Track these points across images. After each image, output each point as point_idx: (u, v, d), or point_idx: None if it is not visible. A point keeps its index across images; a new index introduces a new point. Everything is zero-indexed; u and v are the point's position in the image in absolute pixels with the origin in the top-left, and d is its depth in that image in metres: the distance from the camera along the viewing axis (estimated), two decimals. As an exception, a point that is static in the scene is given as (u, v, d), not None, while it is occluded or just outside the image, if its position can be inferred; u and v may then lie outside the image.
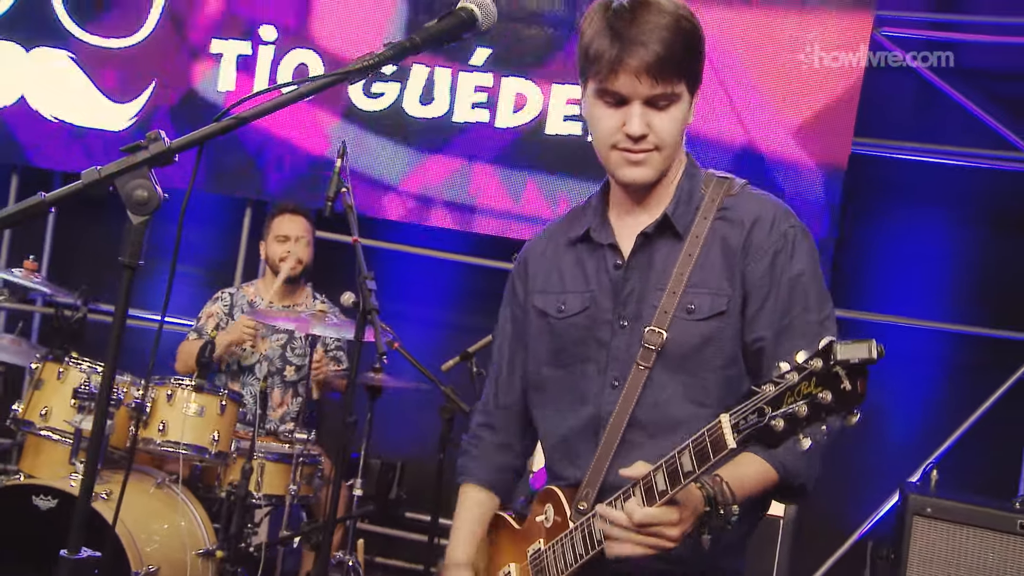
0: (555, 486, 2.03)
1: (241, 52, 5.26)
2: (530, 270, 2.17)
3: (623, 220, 2.05)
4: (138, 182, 1.75)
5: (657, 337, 1.92)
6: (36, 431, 3.89)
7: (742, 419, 1.61)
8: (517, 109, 5.12)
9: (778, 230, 1.96)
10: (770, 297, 1.93)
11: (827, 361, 1.51)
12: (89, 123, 5.34)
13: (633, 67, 1.86)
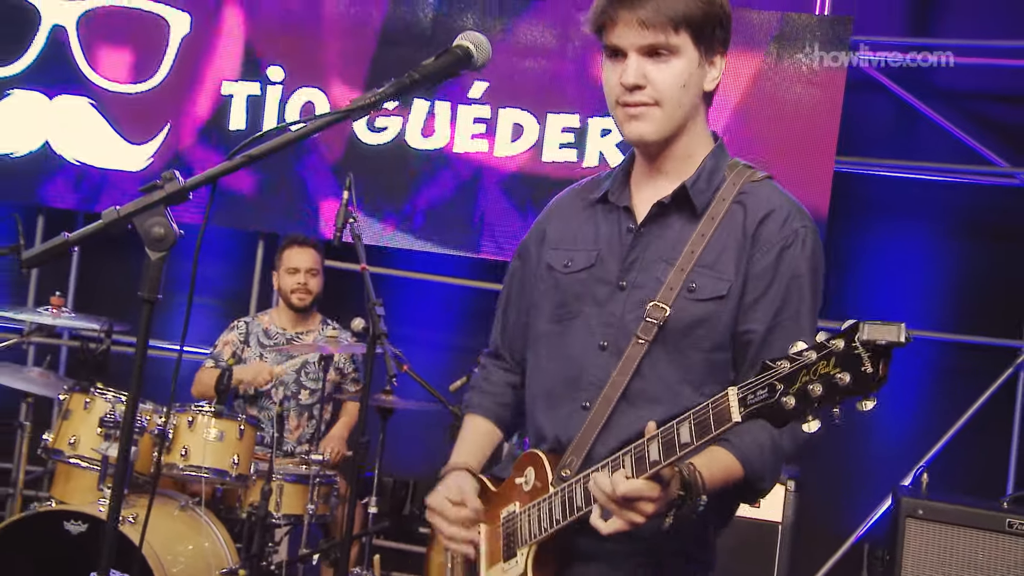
0: (539, 450, 1.96)
1: (251, 92, 5.29)
2: (547, 227, 2.11)
3: (642, 187, 1.99)
4: (155, 220, 1.77)
5: (660, 312, 1.86)
6: (65, 459, 3.90)
7: (750, 393, 1.54)
8: (515, 138, 5.15)
9: (790, 226, 1.88)
10: (769, 291, 1.87)
11: (849, 341, 1.44)
12: (109, 165, 5.38)
13: (624, 15, 1.83)
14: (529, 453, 1.98)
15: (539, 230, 2.14)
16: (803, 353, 1.48)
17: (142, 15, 5.38)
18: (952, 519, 3.60)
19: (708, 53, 1.89)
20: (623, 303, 1.92)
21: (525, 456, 1.99)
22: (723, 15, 1.90)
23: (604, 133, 5.06)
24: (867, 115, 5.16)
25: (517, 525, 1.93)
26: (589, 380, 1.92)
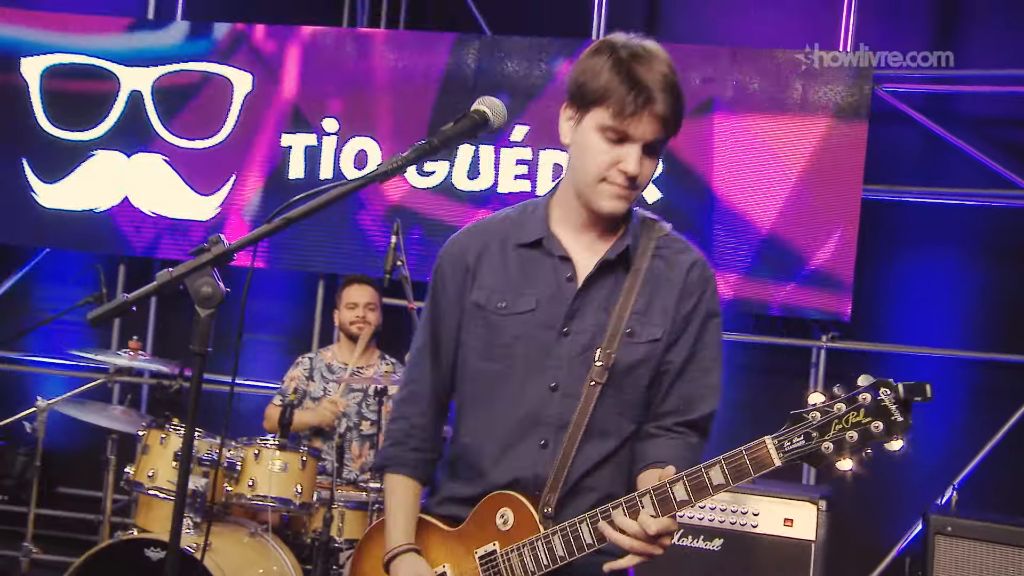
0: (512, 491, 1.99)
1: (308, 144, 5.41)
2: (468, 263, 2.08)
3: (575, 237, 2.03)
4: (203, 280, 1.82)
5: (607, 357, 1.96)
6: (145, 491, 4.00)
7: (787, 441, 1.74)
8: (555, 178, 5.20)
9: (705, 274, 2.07)
10: (688, 328, 2.03)
11: (875, 395, 1.69)
12: (181, 215, 5.53)
13: (654, 115, 1.87)
14: (500, 495, 2.00)
15: (462, 266, 2.08)
16: (833, 406, 1.71)
17: (209, 77, 5.55)
18: (981, 536, 3.54)
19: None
20: (568, 347, 1.99)
21: (495, 497, 2.00)
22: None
23: (641, 170, 5.08)
24: (894, 145, 5.13)
25: (503, 564, 1.97)
26: (546, 420, 1.98)
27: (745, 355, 5.27)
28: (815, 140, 4.88)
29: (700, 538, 3.57)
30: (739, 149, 4.98)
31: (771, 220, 4.93)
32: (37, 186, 5.69)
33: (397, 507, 2.11)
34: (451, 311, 2.10)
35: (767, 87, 4.95)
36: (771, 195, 4.94)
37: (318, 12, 5.71)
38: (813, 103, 4.89)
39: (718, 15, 5.36)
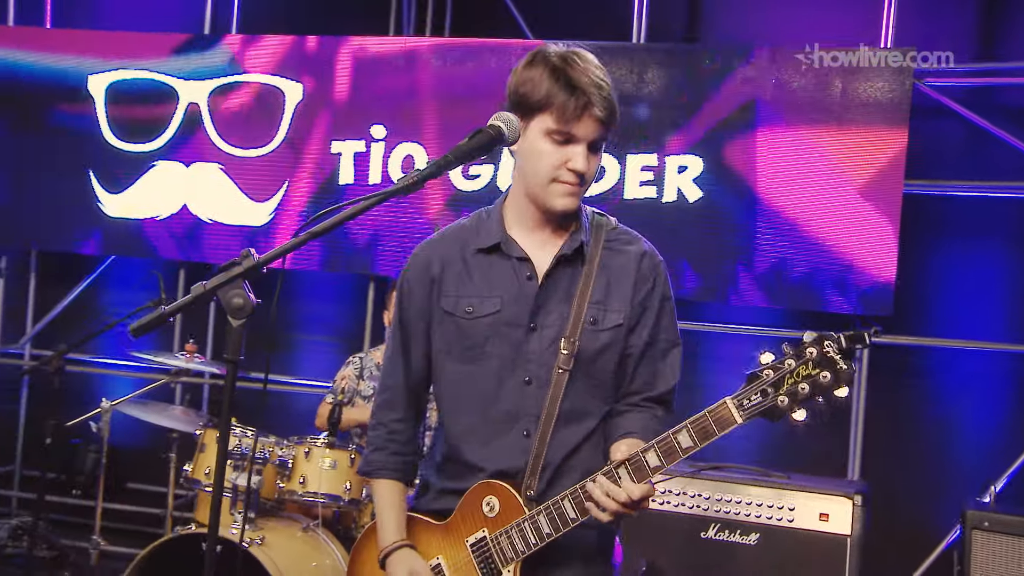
0: (495, 480, 2.09)
1: (357, 150, 5.51)
2: (433, 275, 2.17)
3: (530, 237, 2.15)
4: (235, 292, 1.90)
5: (571, 345, 2.08)
6: (203, 488, 4.14)
7: (746, 399, 1.86)
8: (598, 179, 5.22)
9: (655, 262, 2.21)
10: (646, 315, 2.16)
11: (820, 348, 1.80)
12: (237, 221, 5.67)
13: (595, 115, 2.01)
14: (484, 484, 2.10)
15: (426, 278, 2.18)
16: (783, 362, 1.83)
17: (261, 87, 5.68)
18: (1018, 531, 3.49)
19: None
20: (538, 342, 2.10)
21: (480, 487, 2.10)
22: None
23: (681, 170, 5.10)
24: (937, 139, 5.06)
25: (494, 548, 2.08)
26: (526, 412, 2.10)
27: (788, 351, 5.23)
28: (856, 137, 4.84)
29: (736, 533, 3.58)
30: (780, 148, 4.95)
31: (813, 217, 4.90)
32: (103, 196, 5.88)
33: (386, 507, 2.21)
34: (418, 321, 2.20)
35: (807, 85, 4.91)
36: (813, 192, 4.90)
37: (366, 22, 5.79)
38: (854, 100, 4.84)
39: (758, 16, 5.33)
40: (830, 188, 4.87)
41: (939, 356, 4.99)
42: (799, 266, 4.91)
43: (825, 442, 5.06)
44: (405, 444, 2.26)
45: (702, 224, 5.07)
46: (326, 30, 5.66)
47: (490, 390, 2.12)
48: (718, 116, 5.03)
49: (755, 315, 5.25)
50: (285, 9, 6.05)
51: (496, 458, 2.11)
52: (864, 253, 4.81)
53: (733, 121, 5.02)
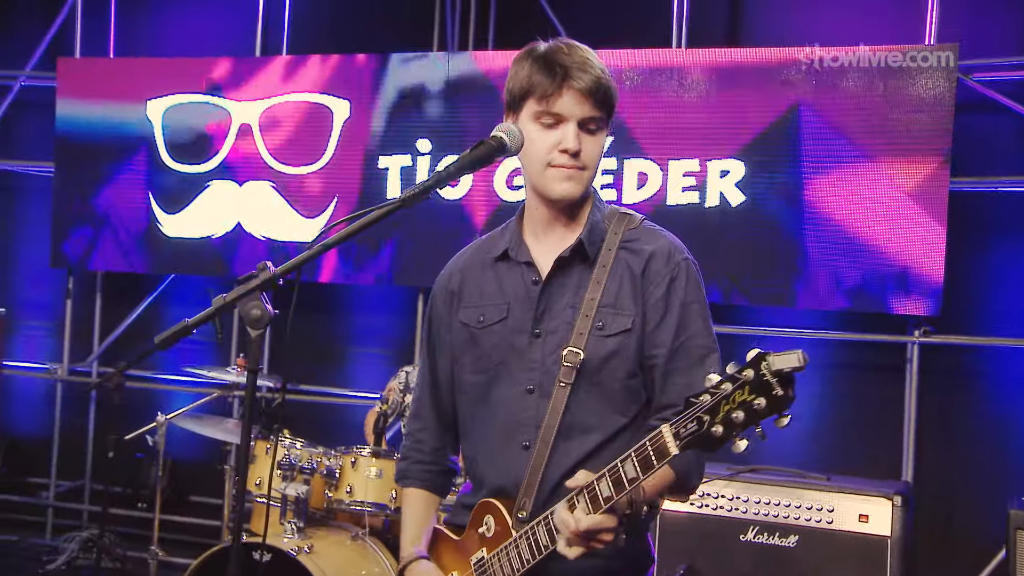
0: (493, 499, 2.05)
1: (403, 164, 5.61)
2: (453, 288, 2.19)
3: (539, 241, 2.10)
4: (253, 304, 1.96)
5: (575, 356, 1.98)
6: (254, 499, 4.26)
7: (682, 427, 1.68)
8: (640, 186, 5.25)
9: (673, 260, 2.05)
10: (666, 319, 2.01)
11: (757, 371, 1.58)
12: (288, 238, 5.81)
13: (576, 88, 1.96)
14: (484, 502, 2.06)
15: (447, 292, 2.20)
16: (720, 386, 1.63)
17: (310, 106, 5.81)
18: (1066, 531, 3.43)
19: (608, 131, 2.10)
20: (541, 349, 2.04)
21: (481, 505, 2.07)
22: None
23: (723, 174, 5.10)
24: (984, 135, 4.99)
25: (490, 570, 2.03)
26: (524, 422, 2.03)
27: (838, 353, 5.20)
28: (901, 136, 4.79)
29: (776, 535, 3.57)
30: (825, 151, 4.92)
31: (860, 218, 4.85)
32: (161, 217, 6.08)
33: (407, 519, 2.25)
34: (442, 335, 2.21)
35: (850, 86, 4.87)
36: (858, 194, 4.87)
37: (410, 37, 5.90)
38: (898, 99, 4.79)
39: (799, 17, 5.29)
40: (875, 188, 4.82)
41: (991, 355, 4.90)
42: (849, 268, 4.87)
43: (876, 444, 5.01)
44: (430, 454, 2.25)
45: (747, 228, 5.05)
46: (371, 48, 5.78)
47: (495, 400, 2.08)
48: (762, 121, 5.02)
49: (804, 318, 5.22)
50: (332, 28, 6.19)
51: (497, 472, 2.07)
52: (912, 253, 4.75)
53: (777, 126, 5.00)
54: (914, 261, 4.75)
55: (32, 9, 6.70)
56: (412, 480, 2.26)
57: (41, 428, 6.56)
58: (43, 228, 6.37)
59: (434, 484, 2.26)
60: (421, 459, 2.27)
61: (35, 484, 6.62)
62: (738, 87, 5.06)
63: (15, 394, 6.65)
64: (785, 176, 4.99)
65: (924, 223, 4.74)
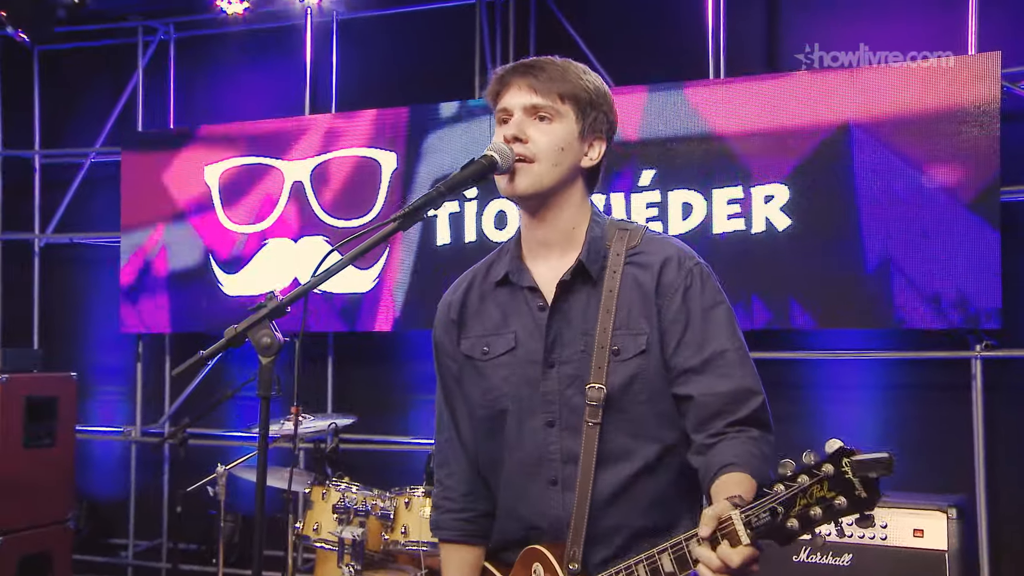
0: (542, 546, 1.94)
1: (451, 211, 5.72)
2: (453, 318, 2.10)
3: (539, 264, 2.01)
4: (263, 332, 2.03)
5: (598, 392, 1.89)
6: (312, 543, 4.33)
7: (754, 516, 1.57)
8: (685, 216, 5.26)
9: (685, 267, 1.94)
10: (688, 331, 1.90)
11: (839, 467, 1.50)
12: (343, 290, 5.93)
13: (517, 80, 1.94)
14: (531, 549, 1.95)
15: (447, 322, 2.11)
16: (797, 477, 1.54)
17: (359, 160, 5.98)
18: None
19: (589, 132, 1.97)
20: (556, 379, 1.94)
21: (528, 552, 1.96)
22: (608, 109, 2.00)
23: (767, 199, 5.08)
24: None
25: None
26: (549, 457, 1.94)
27: (898, 373, 5.09)
28: (950, 147, 4.71)
29: (829, 554, 3.49)
30: (876, 167, 4.86)
31: (912, 233, 4.79)
32: (222, 277, 6.28)
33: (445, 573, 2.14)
34: (450, 369, 2.11)
35: (897, 100, 4.82)
36: (910, 208, 4.80)
37: (451, 87, 6.03)
38: (943, 110, 4.73)
39: (837, 38, 5.27)
40: (929, 201, 4.76)
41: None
42: (904, 285, 4.79)
43: (946, 464, 4.87)
44: (460, 500, 2.12)
45: (796, 252, 5.01)
46: (416, 99, 5.93)
47: (513, 435, 1.98)
48: (809, 143, 5.00)
49: (859, 339, 5.14)
50: (378, 83, 6.36)
51: (528, 510, 1.97)
52: (968, 265, 4.66)
53: (826, 145, 4.97)
54: (971, 274, 4.65)
55: (101, 89, 7.04)
56: (446, 532, 2.14)
57: (119, 490, 6.77)
58: (112, 296, 6.63)
59: (469, 532, 2.12)
60: (451, 508, 2.13)
61: (115, 544, 6.81)
62: (782, 112, 5.05)
63: (94, 458, 6.88)
64: (835, 196, 4.95)
65: (978, 234, 4.64)
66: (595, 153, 2.01)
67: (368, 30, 6.40)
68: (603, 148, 2.02)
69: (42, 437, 5.52)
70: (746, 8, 5.50)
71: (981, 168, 4.66)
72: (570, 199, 2.00)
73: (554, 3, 5.87)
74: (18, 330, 6.98)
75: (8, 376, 5.36)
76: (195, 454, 5.63)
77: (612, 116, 2.03)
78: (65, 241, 6.96)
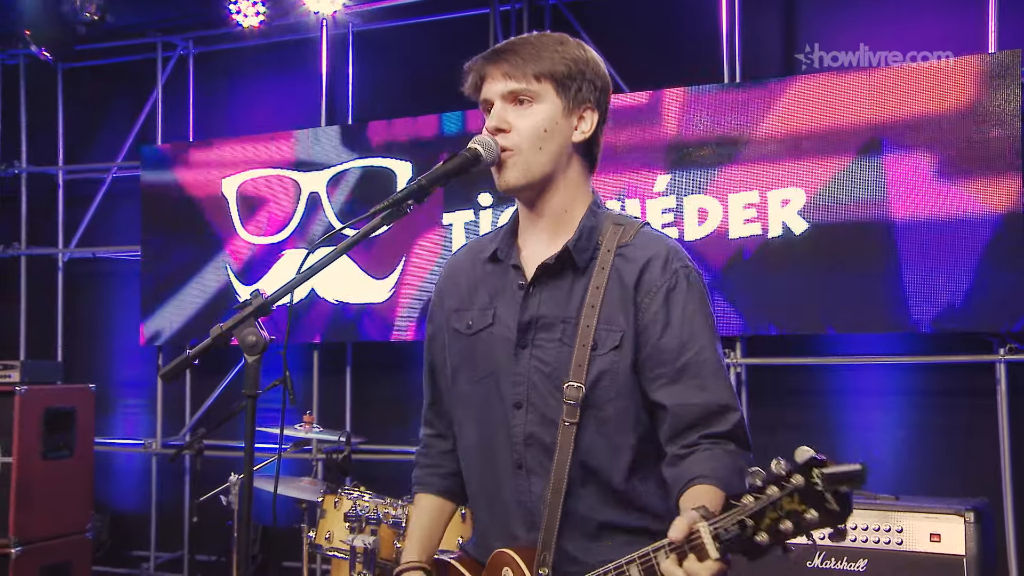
0: (511, 550, 1.88)
1: (466, 219, 5.69)
2: (444, 289, 2.09)
3: (528, 243, 1.97)
4: (249, 330, 1.98)
5: (576, 391, 1.82)
6: (325, 552, 4.29)
7: (722, 530, 1.49)
8: (701, 222, 5.20)
9: (671, 267, 1.87)
10: (666, 333, 1.83)
11: (808, 479, 1.41)
12: (360, 300, 5.93)
13: (491, 69, 1.90)
14: (501, 552, 1.90)
15: (439, 295, 2.12)
16: (765, 489, 1.46)
17: (374, 170, 5.98)
18: None
19: (575, 105, 1.91)
20: (527, 362, 1.89)
21: (498, 555, 1.91)
22: (592, 75, 1.93)
23: (784, 203, 5.00)
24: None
25: None
26: (513, 440, 1.90)
27: (921, 378, 4.99)
28: (976, 148, 4.61)
29: (843, 559, 3.40)
30: (898, 169, 4.78)
31: (935, 236, 4.69)
32: (239, 288, 6.29)
33: (413, 526, 2.15)
34: (438, 336, 2.10)
35: (920, 101, 4.73)
36: (933, 210, 4.71)
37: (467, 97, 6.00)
38: (967, 112, 4.64)
39: (855, 39, 5.19)
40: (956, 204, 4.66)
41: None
42: (927, 290, 4.69)
43: (970, 466, 4.77)
44: (440, 456, 2.14)
45: (814, 256, 4.93)
46: (431, 108, 5.91)
47: (486, 414, 1.95)
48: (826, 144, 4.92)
49: (880, 344, 5.04)
50: (393, 93, 6.37)
51: (488, 484, 1.95)
52: (991, 267, 4.57)
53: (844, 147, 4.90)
54: (994, 275, 4.55)
55: (122, 105, 7.11)
56: (422, 486, 2.16)
57: (141, 502, 6.79)
58: (133, 309, 6.66)
59: (446, 488, 2.13)
60: (430, 463, 2.16)
61: (137, 557, 6.82)
62: (799, 114, 4.99)
63: (116, 470, 6.92)
64: (853, 199, 4.87)
65: (1000, 235, 4.55)
66: (586, 125, 1.94)
67: (383, 41, 6.41)
68: (595, 118, 1.95)
69: (60, 448, 5.55)
70: (762, 11, 5.44)
71: (1002, 168, 4.56)
72: (565, 180, 1.95)
73: (568, 11, 5.85)
74: (43, 343, 7.04)
75: (27, 388, 5.39)
76: (215, 465, 5.64)
77: (601, 82, 1.96)
78: (88, 256, 7.02)
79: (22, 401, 5.34)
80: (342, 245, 2.00)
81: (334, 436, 4.61)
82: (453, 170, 1.93)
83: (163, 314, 6.50)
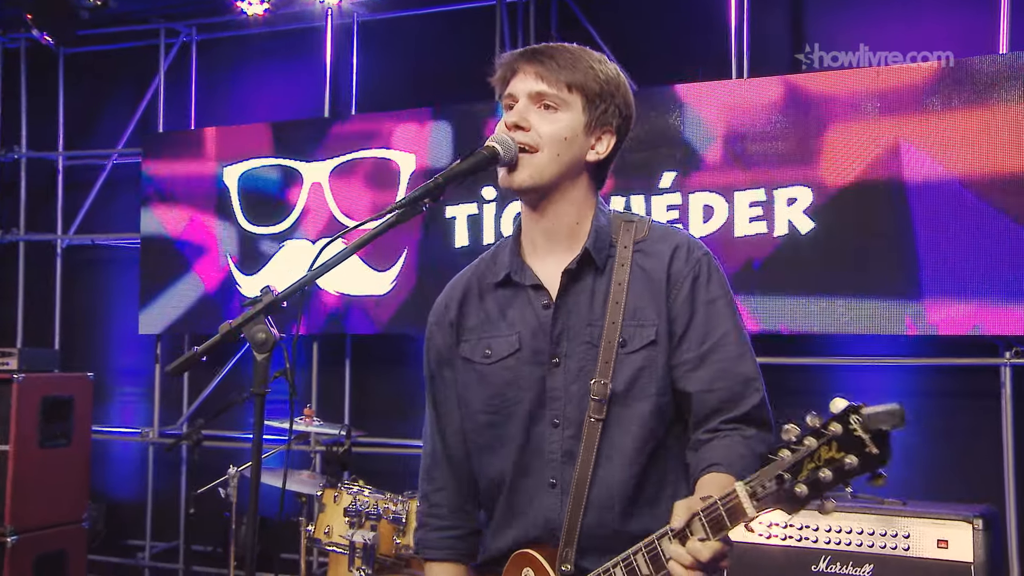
0: (532, 550, 1.86)
1: (470, 213, 5.65)
2: (451, 319, 2.00)
3: (542, 260, 1.93)
4: (258, 327, 1.97)
5: (603, 388, 1.81)
6: (323, 546, 4.26)
7: (759, 486, 1.50)
8: (706, 219, 5.16)
9: (693, 257, 1.89)
10: (692, 323, 1.85)
11: (847, 425, 1.41)
12: (360, 292, 5.89)
13: (524, 66, 1.88)
14: (521, 554, 1.87)
15: (446, 324, 2.02)
16: (803, 440, 1.46)
17: (377, 161, 5.93)
18: None
19: (597, 125, 1.89)
20: (563, 376, 1.86)
21: (518, 556, 1.88)
22: (621, 101, 1.91)
23: (790, 202, 4.96)
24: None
25: None
26: (550, 457, 1.86)
27: (924, 381, 4.96)
28: (991, 149, 4.57)
29: (849, 564, 3.38)
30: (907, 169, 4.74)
31: (942, 237, 4.66)
32: (240, 279, 6.25)
33: None
34: (444, 374, 2.02)
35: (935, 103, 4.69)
36: (940, 211, 4.67)
37: (472, 89, 5.95)
38: (978, 110, 4.60)
39: (855, 39, 5.14)
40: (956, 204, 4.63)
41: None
42: (932, 291, 4.66)
43: (974, 470, 4.74)
44: (449, 517, 2.03)
45: (821, 257, 4.89)
46: (435, 100, 5.87)
47: (516, 437, 1.89)
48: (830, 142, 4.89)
49: (882, 345, 5.02)
50: (397, 85, 6.31)
51: (522, 512, 1.89)
52: (997, 270, 4.54)
53: (850, 146, 4.86)
54: (1000, 277, 4.52)
55: (123, 91, 7.05)
56: (433, 551, 2.03)
57: (137, 491, 6.75)
58: (132, 297, 6.61)
59: (459, 551, 2.03)
60: (440, 525, 2.03)
61: (132, 546, 6.78)
62: (806, 112, 4.95)
63: (112, 459, 6.87)
64: (859, 199, 4.83)
65: (1007, 236, 4.51)
66: (603, 147, 1.92)
67: (388, 31, 6.35)
68: (612, 142, 1.93)
69: (58, 437, 5.51)
70: (767, 9, 5.40)
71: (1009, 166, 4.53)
72: (572, 194, 1.92)
73: (574, 3, 5.80)
74: (40, 331, 6.98)
75: (24, 376, 5.34)
76: (212, 456, 5.60)
77: (627, 110, 1.94)
78: (87, 242, 6.97)
79: (19, 389, 5.30)
80: (357, 241, 1.96)
81: (334, 429, 4.56)
82: (470, 168, 1.89)
83: (162, 303, 6.45)
